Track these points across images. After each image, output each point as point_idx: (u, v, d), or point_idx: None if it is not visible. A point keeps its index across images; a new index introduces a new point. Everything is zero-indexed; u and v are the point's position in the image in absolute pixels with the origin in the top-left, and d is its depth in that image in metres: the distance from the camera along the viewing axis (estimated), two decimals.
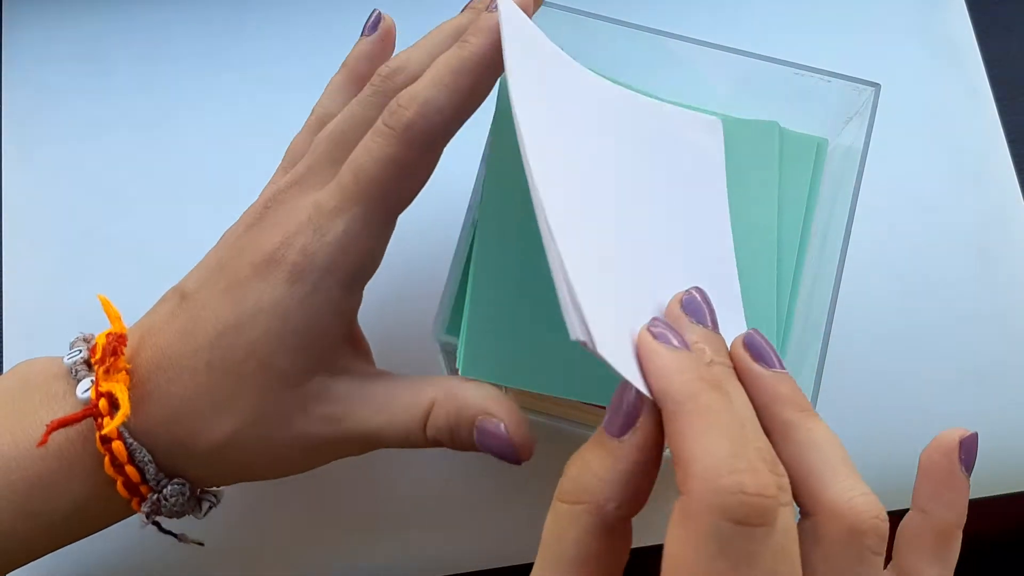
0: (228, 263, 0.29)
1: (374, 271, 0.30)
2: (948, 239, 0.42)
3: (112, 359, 0.28)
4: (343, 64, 0.34)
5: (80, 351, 0.30)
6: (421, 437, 0.29)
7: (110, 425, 0.27)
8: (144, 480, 0.29)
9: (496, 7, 0.28)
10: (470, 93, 0.28)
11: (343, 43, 0.44)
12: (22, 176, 0.42)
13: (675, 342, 0.24)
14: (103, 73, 0.43)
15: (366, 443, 0.30)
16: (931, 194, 0.42)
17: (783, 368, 0.25)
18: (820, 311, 0.31)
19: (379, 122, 0.28)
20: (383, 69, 0.30)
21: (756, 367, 0.25)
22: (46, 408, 0.29)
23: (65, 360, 0.30)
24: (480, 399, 0.28)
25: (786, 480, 0.22)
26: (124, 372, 0.28)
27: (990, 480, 0.40)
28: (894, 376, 0.40)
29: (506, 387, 0.34)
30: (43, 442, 0.28)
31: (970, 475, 0.26)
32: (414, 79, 0.29)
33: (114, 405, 0.28)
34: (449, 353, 0.32)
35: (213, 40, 0.44)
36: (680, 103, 0.34)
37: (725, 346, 0.26)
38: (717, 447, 0.21)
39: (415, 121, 0.28)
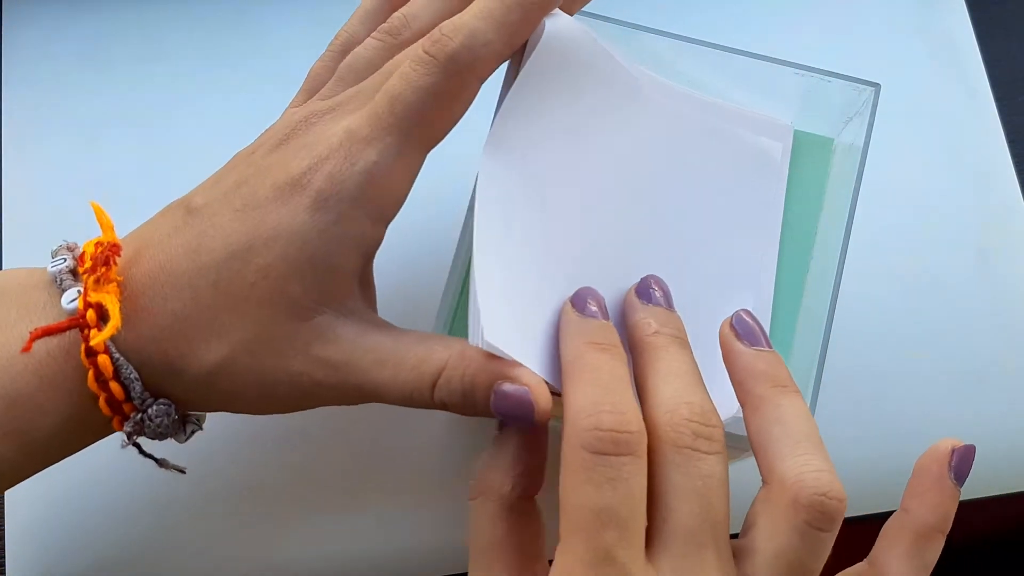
0: (247, 181, 0.28)
1: (399, 207, 0.29)
2: (947, 239, 0.42)
3: (104, 269, 0.27)
4: None
5: (64, 259, 0.28)
6: (427, 398, 0.27)
7: (98, 337, 0.26)
8: (128, 398, 0.27)
9: None
10: (518, 29, 0.27)
11: None
12: (22, 174, 0.42)
13: (592, 310, 0.26)
14: (103, 71, 0.43)
15: (364, 396, 0.28)
16: (930, 194, 0.42)
17: (769, 347, 0.27)
18: (820, 310, 0.31)
19: (420, 49, 0.27)
20: None
21: (737, 344, 0.27)
22: (24, 321, 0.27)
23: (49, 268, 0.28)
24: (497, 363, 0.26)
25: (717, 430, 0.25)
26: (116, 284, 0.27)
27: (989, 480, 0.40)
28: (893, 376, 0.40)
29: None
30: (27, 348, 0.26)
31: (961, 484, 0.27)
32: (447, 15, 0.28)
33: (103, 317, 0.26)
34: None
35: (212, 38, 0.44)
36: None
37: (678, 323, 0.28)
38: (583, 396, 0.24)
39: (459, 52, 0.26)
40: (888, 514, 0.30)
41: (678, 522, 0.24)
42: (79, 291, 0.27)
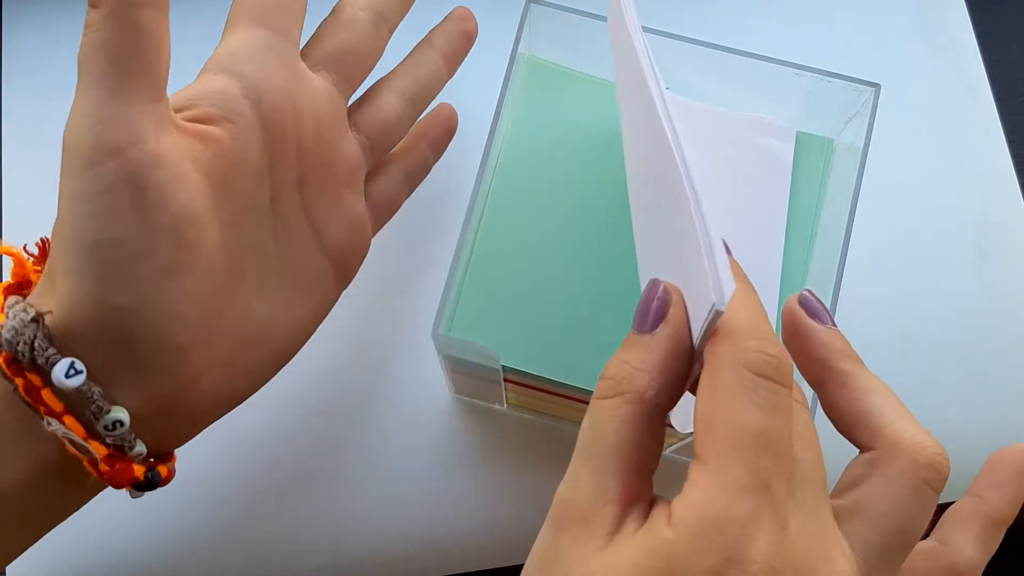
0: None
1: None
2: (947, 239, 0.42)
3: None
4: None
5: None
6: None
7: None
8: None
9: None
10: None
11: None
12: (22, 175, 0.42)
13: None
14: None
15: None
16: (931, 194, 0.42)
17: (835, 326, 0.26)
18: None
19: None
20: None
21: (811, 322, 0.26)
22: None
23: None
24: None
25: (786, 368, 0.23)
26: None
27: None
28: (892, 376, 0.40)
29: (505, 386, 0.34)
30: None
31: None
32: None
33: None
34: (448, 354, 0.32)
35: (211, 39, 0.44)
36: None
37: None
38: (746, 316, 0.23)
39: None
40: None
41: (805, 471, 0.22)
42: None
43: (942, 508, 0.27)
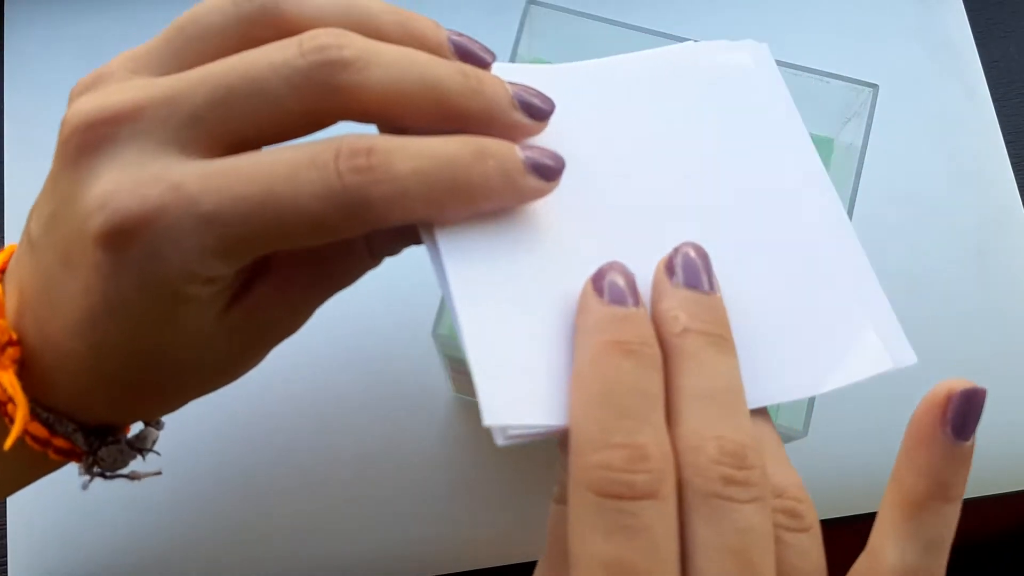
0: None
1: None
2: (946, 239, 0.42)
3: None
4: None
5: None
6: None
7: (14, 429, 0.23)
8: (74, 446, 0.25)
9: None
10: (448, 212, 0.22)
11: None
12: (25, 175, 0.42)
13: (617, 287, 0.21)
14: None
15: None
16: (929, 194, 0.42)
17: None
18: None
19: (330, 157, 0.21)
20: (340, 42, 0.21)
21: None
22: None
23: None
24: None
25: (755, 472, 0.20)
26: (12, 369, 0.24)
27: (989, 479, 0.40)
28: (891, 375, 0.40)
29: None
30: None
31: (965, 439, 0.22)
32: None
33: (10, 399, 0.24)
34: (448, 354, 0.32)
35: None
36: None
37: (718, 311, 0.22)
38: (591, 422, 0.20)
39: (374, 199, 0.21)
40: None
41: None
42: None
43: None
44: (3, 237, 0.41)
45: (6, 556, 0.37)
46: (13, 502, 0.37)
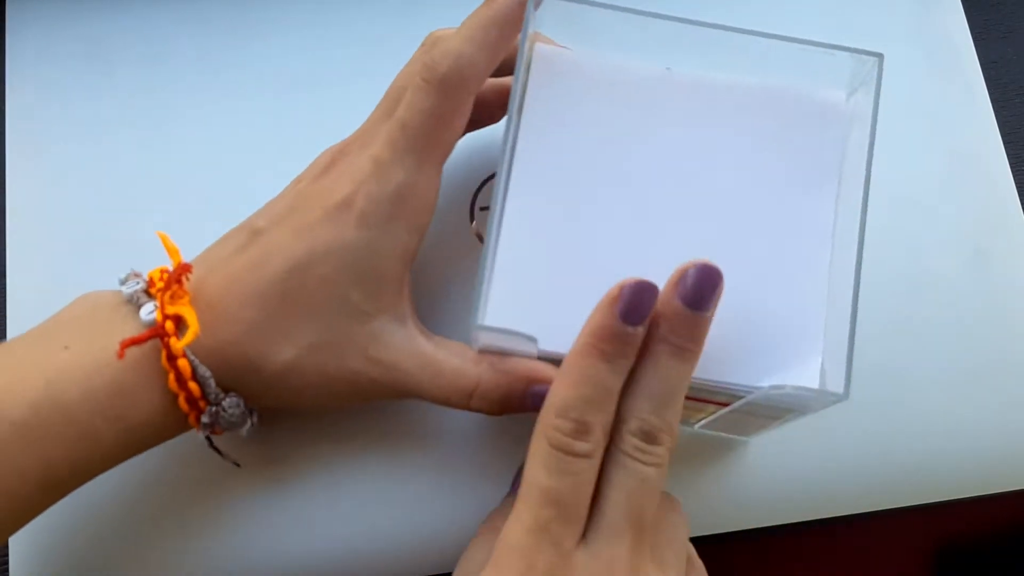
0: (299, 207, 0.32)
1: (430, 216, 0.33)
2: (945, 239, 0.42)
3: (177, 286, 0.31)
4: None
5: (138, 283, 0.33)
6: (463, 403, 0.33)
7: (181, 342, 0.30)
8: (204, 395, 0.31)
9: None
10: (497, 46, 0.32)
11: (344, 42, 0.45)
12: (26, 175, 0.42)
13: (633, 319, 0.27)
14: (106, 72, 0.43)
15: (408, 393, 0.33)
16: (928, 194, 0.43)
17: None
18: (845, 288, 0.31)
19: (417, 77, 0.31)
20: (429, 37, 0.33)
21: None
22: (118, 328, 0.31)
23: (124, 291, 0.33)
24: (525, 366, 0.31)
25: (661, 449, 0.27)
26: (187, 298, 0.31)
27: (989, 479, 0.40)
28: (890, 375, 0.40)
29: None
30: (121, 355, 0.30)
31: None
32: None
33: (180, 327, 0.31)
34: (483, 346, 0.32)
35: (216, 39, 0.44)
36: None
37: (697, 328, 0.28)
38: (563, 396, 0.27)
39: (449, 75, 0.31)
40: (883, 513, 0.30)
41: (606, 509, 0.27)
42: (155, 305, 0.31)
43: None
44: (4, 236, 0.41)
45: (8, 556, 0.37)
46: None
